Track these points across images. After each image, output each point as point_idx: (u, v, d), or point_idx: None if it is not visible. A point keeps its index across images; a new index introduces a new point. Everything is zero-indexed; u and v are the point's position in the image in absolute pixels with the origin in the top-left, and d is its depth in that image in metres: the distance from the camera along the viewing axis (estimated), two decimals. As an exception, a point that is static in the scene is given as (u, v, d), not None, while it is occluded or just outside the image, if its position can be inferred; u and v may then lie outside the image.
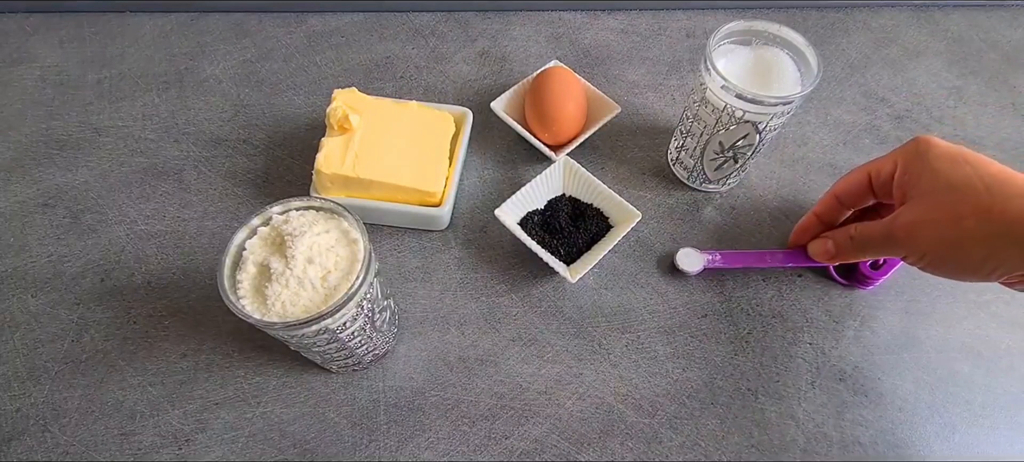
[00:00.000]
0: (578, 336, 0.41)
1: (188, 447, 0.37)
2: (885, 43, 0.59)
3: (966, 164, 0.30)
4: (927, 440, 0.38)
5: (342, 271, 0.31)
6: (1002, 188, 0.29)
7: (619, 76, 0.55)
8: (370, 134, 0.43)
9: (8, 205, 0.46)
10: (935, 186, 0.31)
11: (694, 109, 0.42)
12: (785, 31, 0.40)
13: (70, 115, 0.51)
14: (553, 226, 0.43)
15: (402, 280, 0.43)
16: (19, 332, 0.40)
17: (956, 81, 0.56)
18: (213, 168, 0.48)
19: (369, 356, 0.37)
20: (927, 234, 0.30)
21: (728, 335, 0.41)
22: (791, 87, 0.40)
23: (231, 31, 0.57)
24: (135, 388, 0.38)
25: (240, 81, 0.54)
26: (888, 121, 0.53)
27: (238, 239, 0.32)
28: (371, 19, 0.59)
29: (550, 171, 0.44)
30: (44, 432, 0.37)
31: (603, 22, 0.59)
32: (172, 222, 0.45)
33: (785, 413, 0.38)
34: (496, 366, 0.40)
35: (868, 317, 0.42)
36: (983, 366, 0.40)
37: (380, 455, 0.37)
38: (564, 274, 0.40)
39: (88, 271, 0.43)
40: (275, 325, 0.29)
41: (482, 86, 0.54)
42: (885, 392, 0.39)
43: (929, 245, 0.31)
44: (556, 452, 0.37)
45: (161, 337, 0.40)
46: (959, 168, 0.30)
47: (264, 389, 0.38)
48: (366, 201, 0.43)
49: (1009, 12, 0.62)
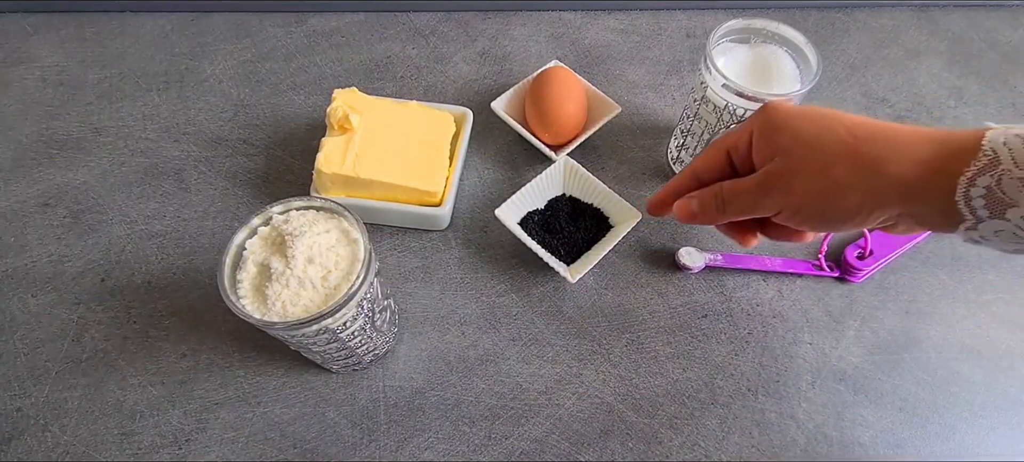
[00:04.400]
0: (578, 336, 0.41)
1: (188, 447, 0.37)
2: (885, 43, 0.59)
3: (821, 117, 0.30)
4: (927, 440, 0.38)
5: (342, 271, 0.31)
6: (864, 131, 0.29)
7: (619, 76, 0.55)
8: (370, 134, 0.43)
9: (8, 205, 0.46)
10: (796, 141, 0.30)
11: (694, 108, 0.42)
12: (784, 29, 0.40)
13: (70, 115, 0.51)
14: (553, 226, 0.43)
15: (402, 280, 0.43)
16: (19, 332, 0.40)
17: (956, 81, 0.56)
18: (213, 168, 0.48)
19: (369, 356, 0.37)
20: (799, 186, 0.29)
21: (728, 335, 0.41)
22: (791, 85, 0.40)
23: (231, 31, 0.57)
24: (135, 388, 0.38)
25: (240, 81, 0.54)
26: (888, 121, 0.53)
27: (238, 239, 0.32)
28: (371, 19, 0.59)
29: (550, 171, 0.44)
30: (44, 432, 0.37)
31: (603, 22, 0.59)
32: (172, 222, 0.45)
33: (785, 413, 0.38)
34: (496, 366, 0.40)
35: (868, 317, 0.42)
36: (983, 366, 0.40)
37: (380, 455, 0.37)
38: (564, 274, 0.40)
39: (88, 271, 0.43)
40: (275, 325, 0.29)
41: (482, 86, 0.54)
42: (885, 392, 0.39)
43: (803, 197, 0.29)
44: (556, 452, 0.37)
45: (161, 337, 0.40)
46: (815, 122, 0.30)
47: (264, 389, 0.38)
48: (366, 201, 0.43)
49: (1009, 12, 0.62)
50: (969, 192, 0.25)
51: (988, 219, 0.25)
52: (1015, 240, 0.25)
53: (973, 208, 0.25)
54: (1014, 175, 0.24)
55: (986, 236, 0.26)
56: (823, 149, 0.29)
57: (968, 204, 0.25)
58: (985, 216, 0.25)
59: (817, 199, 0.29)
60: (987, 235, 0.26)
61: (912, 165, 0.27)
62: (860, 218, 0.29)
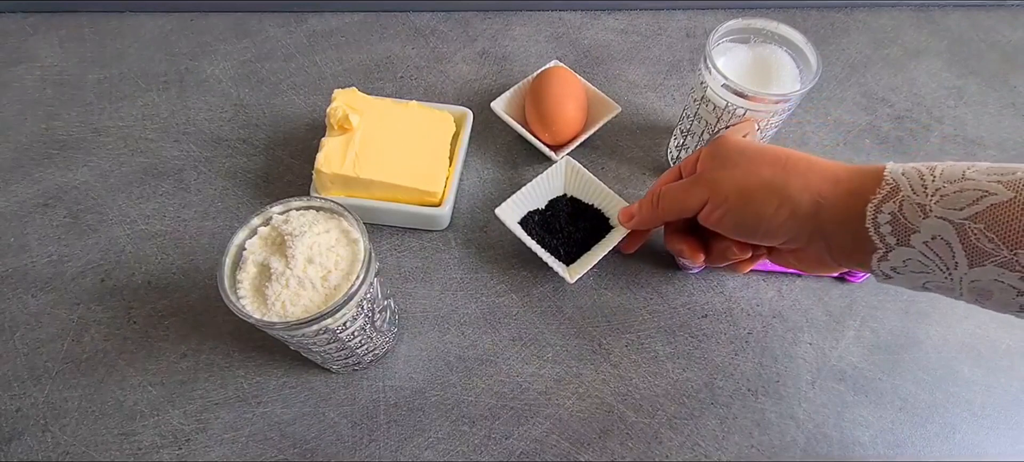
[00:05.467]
0: (578, 336, 0.41)
1: (188, 447, 0.37)
2: (885, 43, 0.59)
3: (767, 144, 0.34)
4: (927, 440, 0.38)
5: (342, 271, 0.31)
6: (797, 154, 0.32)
7: (619, 76, 0.55)
8: (370, 134, 0.43)
9: (8, 205, 0.46)
10: (737, 149, 0.33)
11: (694, 108, 0.42)
12: (783, 29, 0.40)
13: (70, 115, 0.51)
14: (553, 226, 0.43)
15: (402, 280, 0.43)
16: (19, 332, 0.40)
17: (956, 81, 0.56)
18: (213, 168, 0.48)
19: (369, 356, 0.37)
20: (728, 181, 0.32)
21: (728, 335, 0.41)
22: (791, 84, 0.40)
23: (231, 31, 0.57)
24: (135, 388, 0.38)
25: (240, 81, 0.54)
26: (888, 121, 0.53)
27: (238, 239, 0.32)
28: (371, 19, 0.59)
29: (551, 171, 0.44)
30: (44, 432, 0.37)
31: (603, 22, 0.59)
32: (172, 222, 0.45)
33: (785, 413, 0.38)
34: (496, 366, 0.40)
35: (868, 317, 0.42)
36: (983, 366, 0.40)
37: (380, 455, 0.37)
38: (563, 274, 0.40)
39: (88, 271, 0.43)
40: (275, 325, 0.29)
41: (482, 86, 0.54)
42: (885, 392, 0.39)
43: (729, 190, 0.32)
44: (556, 452, 0.37)
45: (161, 337, 0.40)
46: (758, 144, 0.34)
47: (264, 389, 0.38)
48: (366, 201, 0.43)
49: (1009, 12, 0.62)
50: (877, 218, 0.27)
51: (896, 247, 0.27)
52: (921, 270, 0.27)
53: (882, 234, 0.27)
54: (913, 201, 0.26)
55: (896, 267, 0.28)
56: (758, 155, 0.33)
57: (877, 231, 0.27)
58: (893, 243, 0.27)
59: (739, 195, 0.32)
60: (897, 265, 0.28)
61: (830, 184, 0.30)
62: (775, 224, 0.31)
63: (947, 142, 0.52)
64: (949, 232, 0.25)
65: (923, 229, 0.26)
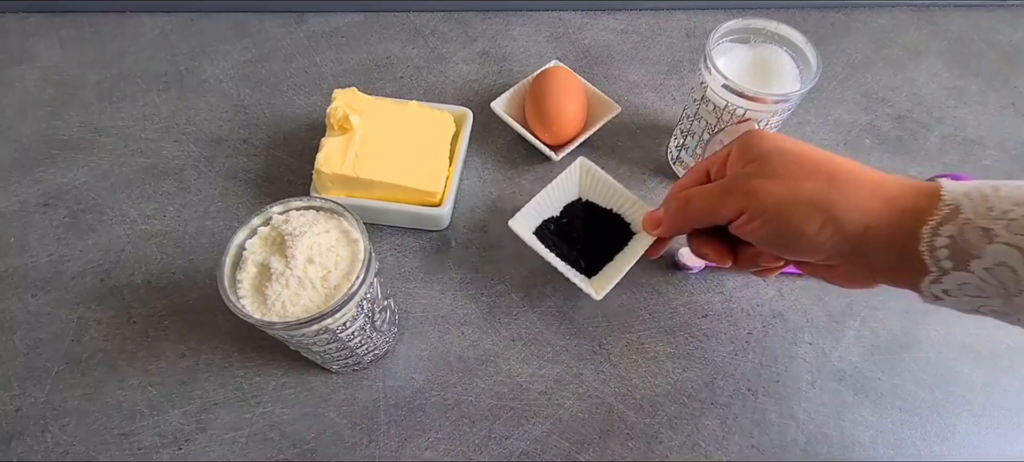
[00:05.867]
0: (578, 336, 0.41)
1: (188, 447, 0.37)
2: (885, 43, 0.59)
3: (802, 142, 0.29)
4: (927, 440, 0.38)
5: (342, 271, 0.31)
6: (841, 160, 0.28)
7: (619, 76, 0.55)
8: (370, 134, 0.43)
9: (8, 205, 0.46)
10: (776, 150, 0.29)
11: (694, 108, 0.42)
12: (783, 29, 0.40)
13: (70, 115, 0.51)
14: (570, 234, 0.42)
15: (402, 280, 0.43)
16: (19, 332, 0.40)
17: (956, 81, 0.56)
18: (213, 168, 0.48)
19: (369, 356, 0.37)
20: (767, 190, 0.28)
21: (728, 335, 0.41)
22: (791, 84, 0.40)
23: (231, 31, 0.57)
24: (135, 388, 0.38)
25: (240, 81, 0.54)
26: (888, 121, 0.53)
27: (238, 239, 0.32)
28: (371, 19, 0.59)
29: (565, 174, 0.42)
30: (44, 432, 0.37)
31: (603, 22, 0.59)
32: (172, 222, 0.45)
33: (785, 413, 0.38)
34: (496, 366, 0.40)
35: (868, 317, 0.42)
36: (983, 366, 0.40)
37: (380, 455, 0.37)
38: (589, 291, 0.38)
39: (88, 271, 0.43)
40: (275, 325, 0.29)
41: (482, 86, 0.54)
42: (885, 392, 0.39)
43: (770, 201, 0.28)
44: (556, 452, 0.37)
45: (161, 337, 0.40)
46: (797, 142, 0.30)
47: (264, 389, 0.38)
48: (366, 201, 0.43)
49: (1009, 12, 0.62)
50: (933, 242, 0.25)
51: (952, 271, 0.25)
52: (978, 294, 0.25)
53: (937, 258, 0.25)
54: (976, 225, 0.24)
55: (949, 290, 0.25)
56: (801, 161, 0.29)
57: (932, 254, 0.25)
58: (949, 267, 0.25)
59: (779, 208, 0.28)
60: (951, 288, 0.25)
61: (880, 201, 0.27)
62: (816, 243, 0.28)
63: (947, 142, 0.52)
64: (1016, 259, 0.23)
65: (986, 255, 0.24)
